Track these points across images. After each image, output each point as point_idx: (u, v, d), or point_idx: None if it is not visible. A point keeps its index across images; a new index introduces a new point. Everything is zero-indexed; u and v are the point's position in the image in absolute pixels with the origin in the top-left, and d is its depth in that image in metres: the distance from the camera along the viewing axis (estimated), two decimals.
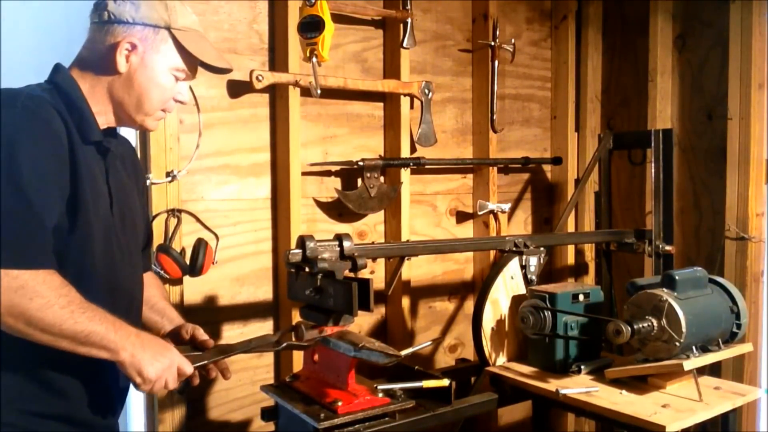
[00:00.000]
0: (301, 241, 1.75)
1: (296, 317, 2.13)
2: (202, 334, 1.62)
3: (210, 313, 2.23)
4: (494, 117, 2.81)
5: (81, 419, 1.43)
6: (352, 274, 1.79)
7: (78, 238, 1.36)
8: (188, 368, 1.45)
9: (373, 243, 2.26)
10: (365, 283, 1.67)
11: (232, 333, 2.27)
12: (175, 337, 1.63)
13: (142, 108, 1.49)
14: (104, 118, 1.48)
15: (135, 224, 1.60)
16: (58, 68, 1.46)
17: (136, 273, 1.60)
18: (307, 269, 1.78)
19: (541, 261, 2.30)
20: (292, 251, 1.75)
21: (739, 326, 2.03)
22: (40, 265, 1.26)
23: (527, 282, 2.24)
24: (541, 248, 2.31)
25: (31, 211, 1.26)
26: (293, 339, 1.70)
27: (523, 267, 2.25)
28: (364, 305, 1.67)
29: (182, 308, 2.13)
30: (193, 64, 1.52)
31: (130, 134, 2.03)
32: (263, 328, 2.35)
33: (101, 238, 1.42)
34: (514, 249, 2.26)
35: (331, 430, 1.64)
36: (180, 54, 1.49)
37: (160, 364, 1.38)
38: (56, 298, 1.26)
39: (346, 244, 1.80)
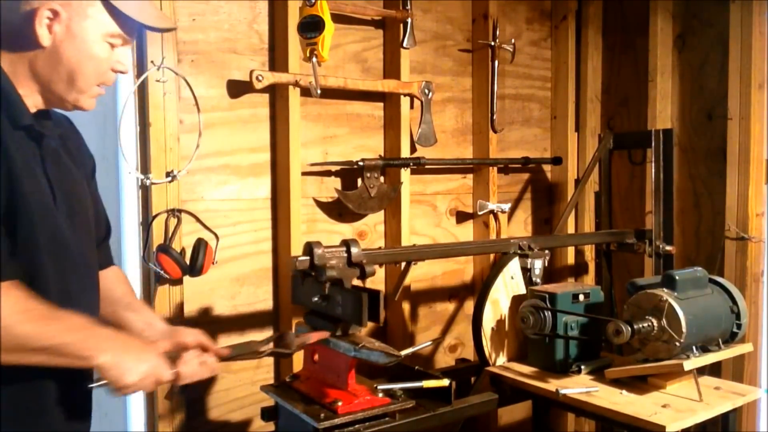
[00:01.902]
0: (309, 248, 1.74)
1: (297, 318, 2.13)
2: (210, 344, 1.48)
3: (210, 314, 2.23)
4: (494, 117, 2.81)
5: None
6: (359, 281, 1.79)
7: (20, 241, 1.20)
8: (165, 374, 1.32)
9: (380, 248, 2.26)
10: (375, 295, 1.66)
11: (233, 333, 2.27)
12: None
13: (75, 85, 1.28)
14: (31, 100, 1.29)
15: (86, 217, 1.41)
16: None
17: (91, 273, 1.42)
18: (313, 273, 1.77)
19: (545, 263, 2.30)
20: (299, 258, 1.74)
21: (739, 326, 2.04)
22: (3, 276, 1.13)
23: (531, 285, 2.23)
24: (546, 251, 2.31)
25: None
26: (274, 346, 1.64)
27: (528, 270, 2.25)
28: (373, 317, 1.66)
29: (182, 308, 2.13)
30: (129, 26, 1.31)
31: (130, 133, 2.04)
32: (263, 328, 2.35)
33: (47, 240, 1.25)
34: (519, 252, 2.27)
35: (331, 430, 1.64)
36: (112, 16, 1.27)
37: (143, 366, 1.26)
38: (23, 313, 1.14)
39: (354, 250, 1.79)
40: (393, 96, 2.56)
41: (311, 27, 1.96)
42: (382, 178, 2.52)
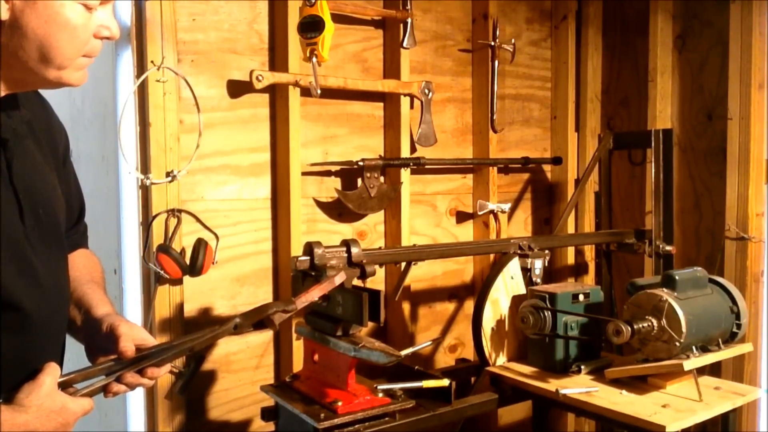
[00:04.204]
0: (309, 248, 1.74)
1: (297, 318, 2.13)
2: (129, 346, 1.23)
3: (210, 314, 2.23)
4: (494, 117, 2.81)
5: None
6: (359, 281, 1.79)
7: None
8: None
9: (380, 248, 2.26)
10: (376, 295, 1.67)
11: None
12: (105, 344, 1.25)
13: (50, 60, 1.08)
14: None
15: (57, 222, 1.25)
16: None
17: (62, 292, 1.27)
18: (313, 273, 1.77)
19: (545, 264, 2.31)
20: (299, 258, 1.74)
21: (739, 326, 2.04)
22: None
23: (531, 285, 2.23)
24: (546, 251, 2.31)
25: None
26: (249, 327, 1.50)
27: (528, 270, 2.25)
28: (374, 317, 1.67)
29: (182, 308, 2.13)
30: None
31: (130, 133, 2.04)
32: (263, 327, 2.34)
33: (8, 260, 1.10)
34: (519, 252, 2.27)
35: (331, 430, 1.64)
36: None
37: None
38: None
39: (354, 250, 1.80)
40: (393, 96, 2.56)
41: (311, 27, 1.96)
42: (382, 178, 2.52)
